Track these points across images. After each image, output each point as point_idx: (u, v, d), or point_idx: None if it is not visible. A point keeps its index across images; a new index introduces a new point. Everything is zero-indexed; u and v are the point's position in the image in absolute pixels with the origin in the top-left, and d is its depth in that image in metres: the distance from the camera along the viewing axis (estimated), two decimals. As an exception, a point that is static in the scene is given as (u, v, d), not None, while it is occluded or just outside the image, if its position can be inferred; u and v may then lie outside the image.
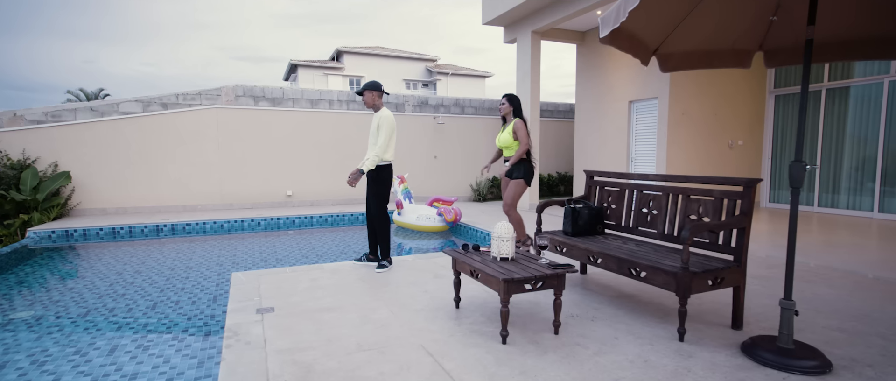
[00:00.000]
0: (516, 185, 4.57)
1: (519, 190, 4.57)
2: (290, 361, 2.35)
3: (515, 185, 4.57)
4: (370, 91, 4.37)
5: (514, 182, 4.58)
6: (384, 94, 4.52)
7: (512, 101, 4.64)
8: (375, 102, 4.40)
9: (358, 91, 4.53)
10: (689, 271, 2.54)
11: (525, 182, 4.57)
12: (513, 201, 4.56)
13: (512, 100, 4.65)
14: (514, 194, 4.55)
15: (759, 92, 8.79)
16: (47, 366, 2.87)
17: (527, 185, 4.59)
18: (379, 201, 4.36)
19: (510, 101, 4.64)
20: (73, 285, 4.75)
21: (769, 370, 2.24)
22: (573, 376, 2.20)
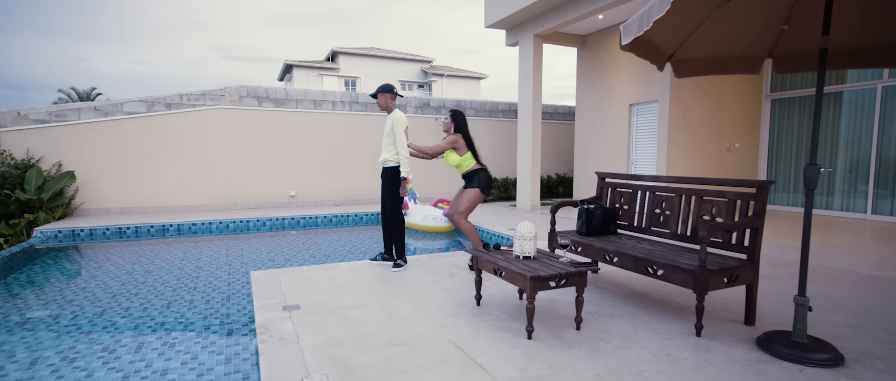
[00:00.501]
0: (471, 194, 4.22)
1: (473, 200, 4.22)
2: (326, 355, 2.42)
3: (470, 194, 4.22)
4: (383, 94, 4.48)
5: (468, 191, 4.24)
6: (398, 96, 4.61)
7: (454, 117, 4.33)
8: (389, 104, 4.49)
9: (372, 94, 4.62)
10: (706, 270, 2.65)
11: (481, 192, 4.23)
12: (466, 210, 4.22)
13: (455, 116, 4.33)
14: (468, 204, 4.21)
15: (756, 96, 8.99)
16: (78, 363, 2.92)
17: (483, 194, 4.25)
18: (394, 201, 4.44)
19: (453, 117, 4.32)
20: (85, 285, 4.76)
21: (785, 362, 2.35)
22: (599, 369, 2.30)
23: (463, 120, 4.35)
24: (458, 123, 4.32)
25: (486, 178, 4.28)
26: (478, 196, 4.24)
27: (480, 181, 4.24)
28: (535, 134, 9.17)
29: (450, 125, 4.34)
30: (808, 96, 8.37)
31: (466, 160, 4.27)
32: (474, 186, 4.24)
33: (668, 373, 2.25)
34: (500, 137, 11.59)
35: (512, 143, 11.61)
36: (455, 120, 4.33)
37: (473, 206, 4.25)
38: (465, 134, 4.29)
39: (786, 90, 8.73)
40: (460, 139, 4.24)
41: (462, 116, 4.37)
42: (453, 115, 4.35)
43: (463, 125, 4.32)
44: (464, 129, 4.31)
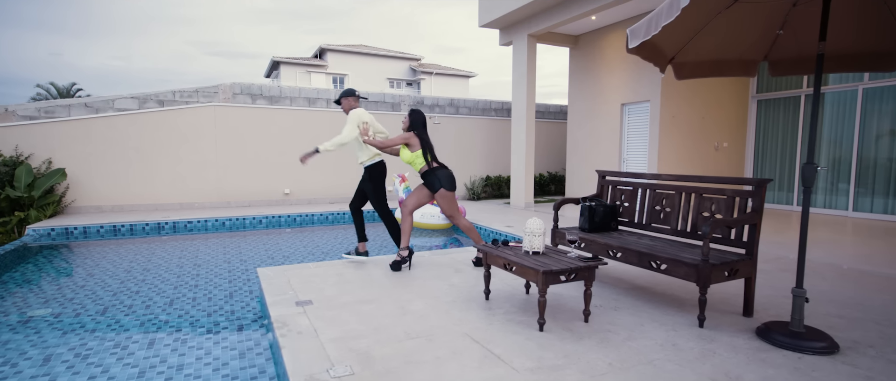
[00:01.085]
0: (442, 197, 4.22)
1: (449, 200, 4.23)
2: (346, 348, 2.48)
3: (441, 197, 4.22)
4: (346, 98, 4.66)
5: (438, 196, 4.23)
6: (361, 98, 4.78)
7: (411, 114, 4.37)
8: (352, 106, 4.63)
9: (336, 100, 4.79)
10: (708, 264, 2.77)
11: (446, 190, 4.21)
12: (455, 210, 4.25)
13: (411, 114, 4.37)
14: (448, 205, 4.23)
15: (743, 97, 9.25)
16: (91, 359, 2.92)
17: (449, 190, 4.23)
18: (376, 197, 4.61)
19: (410, 114, 4.37)
20: (84, 283, 4.72)
21: (785, 351, 2.48)
22: (611, 359, 2.40)
23: (418, 118, 4.38)
24: (412, 121, 4.37)
25: (445, 176, 4.24)
26: (449, 196, 4.24)
27: (441, 182, 4.21)
28: (528, 133, 9.30)
29: (406, 125, 4.40)
30: (792, 97, 8.65)
31: (418, 158, 4.30)
32: (437, 187, 4.21)
33: (677, 362, 2.37)
34: (492, 135, 11.70)
35: (504, 141, 11.73)
36: (411, 117, 4.38)
37: (454, 204, 4.28)
38: (418, 132, 4.32)
39: (771, 91, 9.00)
40: (413, 137, 4.29)
41: (418, 113, 4.41)
42: (411, 113, 4.41)
43: (417, 123, 4.36)
44: (418, 127, 4.35)
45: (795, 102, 8.58)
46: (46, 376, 2.71)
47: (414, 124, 4.35)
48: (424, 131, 4.36)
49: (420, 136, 4.31)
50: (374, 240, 7.11)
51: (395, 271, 4.15)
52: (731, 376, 2.22)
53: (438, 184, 4.21)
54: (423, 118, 4.41)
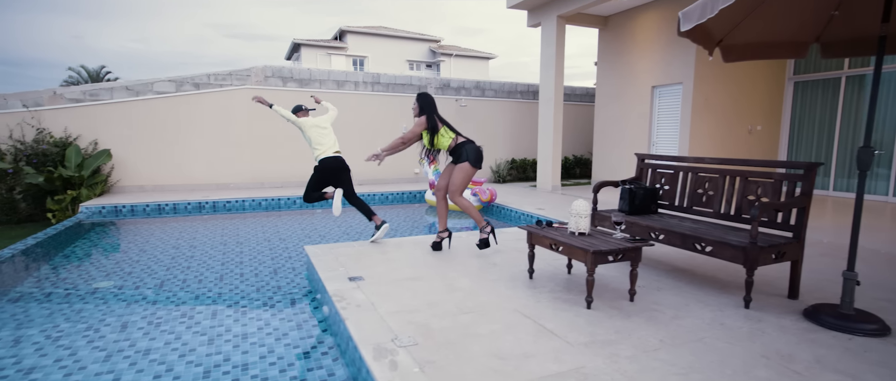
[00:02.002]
0: (461, 170, 4.11)
1: (465, 176, 4.12)
2: (406, 321, 2.62)
3: (460, 170, 4.11)
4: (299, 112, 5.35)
5: (458, 167, 4.13)
6: (310, 110, 5.48)
7: (419, 99, 4.29)
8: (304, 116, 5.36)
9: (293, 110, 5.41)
10: (756, 246, 2.81)
11: (471, 166, 4.12)
12: (458, 187, 4.12)
13: (419, 98, 4.30)
14: (461, 180, 4.11)
15: (779, 79, 9.00)
16: (163, 327, 3.14)
17: (473, 167, 4.13)
18: (310, 186, 5.21)
19: (418, 99, 4.30)
20: (138, 258, 4.98)
21: (834, 332, 2.53)
22: (662, 335, 2.49)
23: (428, 101, 4.29)
24: (422, 105, 4.27)
25: (473, 150, 4.15)
26: (468, 171, 4.12)
27: (468, 155, 4.11)
28: (556, 116, 9.26)
29: (418, 110, 4.31)
30: (831, 79, 8.39)
31: (442, 138, 4.21)
32: (462, 160, 4.11)
33: (726, 340, 2.44)
34: (518, 118, 11.66)
35: (530, 124, 11.68)
36: (420, 102, 4.29)
37: (466, 181, 4.15)
38: (429, 115, 4.22)
39: (809, 73, 8.74)
40: (425, 121, 4.19)
41: (427, 97, 4.31)
42: (419, 97, 4.32)
43: (427, 107, 4.26)
44: (428, 110, 4.25)
45: (835, 83, 8.32)
46: (126, 340, 2.93)
47: (424, 108, 4.26)
48: (436, 112, 4.27)
49: (432, 118, 4.21)
50: (408, 221, 7.27)
51: (436, 251, 4.27)
52: (783, 354, 2.28)
53: (465, 157, 4.12)
54: (432, 100, 4.33)
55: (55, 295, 3.87)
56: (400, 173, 10.41)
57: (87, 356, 2.73)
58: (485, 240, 4.18)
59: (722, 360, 2.22)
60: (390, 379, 1.96)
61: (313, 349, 2.88)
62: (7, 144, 7.11)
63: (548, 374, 2.05)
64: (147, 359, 2.72)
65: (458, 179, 4.13)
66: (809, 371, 2.12)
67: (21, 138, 7.23)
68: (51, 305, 3.62)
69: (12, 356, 2.69)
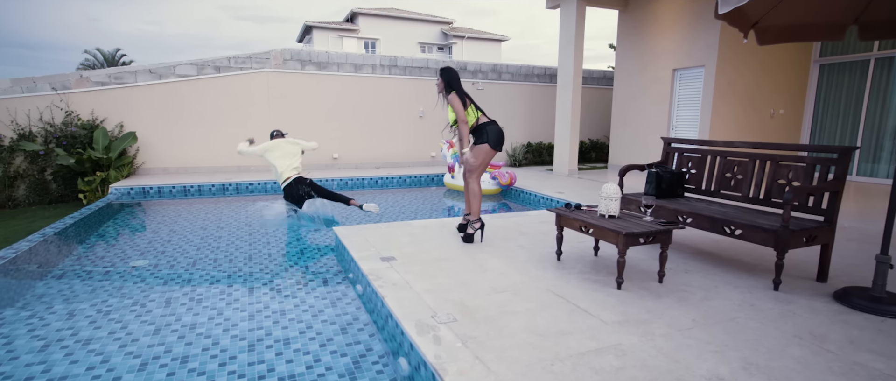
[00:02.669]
0: (479, 151, 3.99)
1: (483, 157, 4.00)
2: (442, 299, 2.70)
3: (478, 150, 3.99)
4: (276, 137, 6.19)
5: (476, 148, 4.01)
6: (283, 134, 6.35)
7: (444, 74, 4.08)
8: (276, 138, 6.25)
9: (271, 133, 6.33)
10: (788, 229, 2.83)
11: (490, 147, 4.00)
12: (474, 167, 4.00)
13: (444, 73, 4.08)
14: (481, 160, 4.00)
15: (804, 62, 8.82)
16: (205, 303, 3.27)
17: (493, 149, 4.01)
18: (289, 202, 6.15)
19: (442, 74, 4.08)
20: (169, 238, 5.13)
21: (866, 314, 2.56)
22: (694, 315, 2.54)
23: (453, 75, 4.09)
24: (447, 80, 4.07)
25: (494, 132, 4.01)
26: (487, 152, 3.99)
27: (488, 136, 3.98)
28: (575, 99, 9.19)
29: (442, 85, 4.10)
30: (859, 61, 8.20)
31: (468, 116, 4.03)
32: (483, 141, 4.00)
33: (759, 320, 2.48)
34: (534, 102, 11.60)
35: (546, 108, 11.61)
36: (445, 77, 4.07)
37: (485, 163, 4.03)
38: (458, 89, 4.03)
39: (836, 55, 8.54)
40: (455, 97, 4.00)
41: (452, 71, 4.11)
42: (443, 72, 4.09)
43: (454, 81, 4.07)
44: (456, 84, 4.06)
45: (863, 65, 8.13)
46: (172, 314, 3.07)
47: (451, 83, 4.07)
48: (461, 87, 4.09)
49: (462, 92, 4.05)
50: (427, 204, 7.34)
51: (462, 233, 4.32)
52: (816, 334, 2.33)
53: (485, 138, 4.01)
54: (457, 74, 4.13)
55: (95, 273, 4.02)
56: (416, 157, 10.46)
57: (137, 329, 2.87)
58: (469, 234, 4.01)
59: (756, 339, 2.27)
60: (436, 353, 2.04)
61: (349, 325, 2.98)
62: (37, 127, 7.29)
63: (586, 350, 2.13)
64: (194, 333, 2.84)
65: (474, 160, 4.03)
66: (843, 351, 2.16)
67: (50, 121, 7.40)
68: (93, 282, 3.77)
69: (69, 328, 2.84)
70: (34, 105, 7.31)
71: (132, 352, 2.60)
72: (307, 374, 2.43)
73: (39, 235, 4.60)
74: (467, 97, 4.06)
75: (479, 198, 4.04)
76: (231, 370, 2.47)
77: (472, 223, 4.02)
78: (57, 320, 2.96)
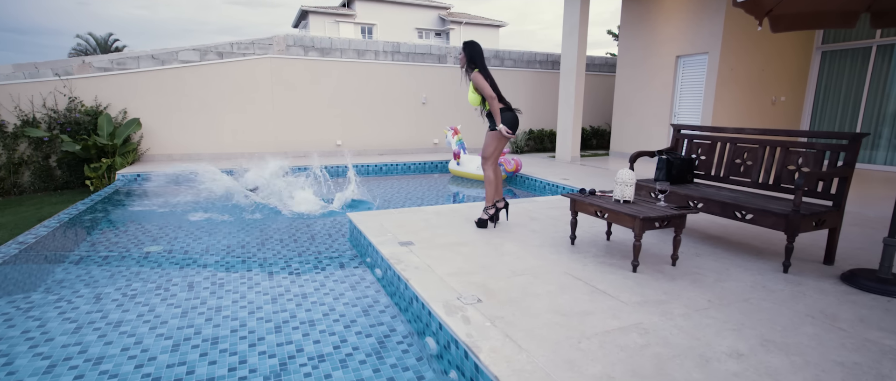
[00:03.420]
0: (492, 137, 3.97)
1: (497, 142, 3.97)
2: (465, 282, 2.78)
3: (491, 137, 3.98)
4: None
5: (490, 134, 3.99)
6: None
7: (467, 49, 3.93)
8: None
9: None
10: (799, 214, 2.91)
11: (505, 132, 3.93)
12: (492, 153, 3.99)
13: (467, 47, 3.93)
14: (493, 146, 3.97)
15: (806, 48, 8.86)
16: (227, 287, 3.33)
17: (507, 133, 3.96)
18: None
19: (466, 49, 3.93)
20: (180, 224, 5.16)
21: (873, 295, 2.66)
22: (709, 296, 2.63)
23: (476, 51, 3.93)
24: (470, 54, 3.92)
25: (510, 118, 3.92)
26: (501, 138, 3.95)
27: (503, 121, 3.90)
28: (578, 86, 9.21)
29: (464, 60, 3.96)
30: (861, 48, 8.25)
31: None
32: (495, 127, 3.94)
33: (771, 301, 2.58)
34: (536, 88, 11.60)
35: (547, 94, 11.62)
36: (469, 51, 3.91)
37: (498, 148, 3.99)
38: (481, 67, 3.90)
39: (839, 42, 8.59)
40: (479, 76, 3.86)
41: (476, 46, 3.94)
42: (467, 46, 3.93)
43: (478, 57, 3.92)
44: (480, 61, 3.92)
45: (865, 52, 8.19)
46: (196, 298, 3.13)
47: (474, 58, 3.93)
48: (485, 65, 3.95)
49: (486, 69, 3.92)
50: (432, 191, 7.39)
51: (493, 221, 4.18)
52: (827, 314, 2.42)
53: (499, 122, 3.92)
54: (481, 49, 4.00)
55: (111, 258, 4.07)
56: (419, 144, 10.48)
57: (164, 311, 2.93)
58: (483, 220, 4.01)
59: (770, 318, 2.36)
60: (468, 333, 2.12)
61: (370, 307, 3.06)
62: (41, 113, 7.25)
63: (610, 329, 2.21)
64: (220, 315, 2.91)
65: (489, 145, 4.00)
66: (854, 329, 2.26)
67: (54, 107, 7.35)
68: (110, 267, 3.82)
69: (98, 311, 2.90)
70: (37, 91, 7.26)
71: (163, 334, 2.67)
72: (335, 354, 2.51)
73: (55, 220, 4.63)
74: (491, 78, 3.93)
75: (494, 185, 4.03)
76: (261, 350, 2.54)
77: (486, 209, 4.07)
78: (85, 303, 3.01)
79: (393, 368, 2.39)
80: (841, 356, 2.01)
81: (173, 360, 2.41)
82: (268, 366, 2.39)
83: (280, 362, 2.43)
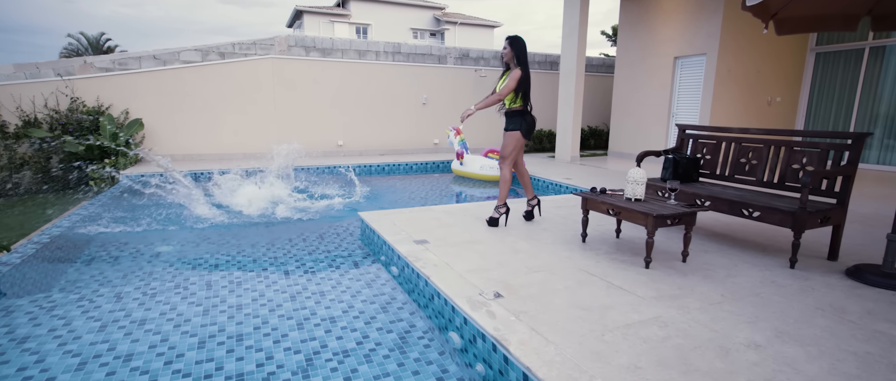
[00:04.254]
0: (510, 137, 4.01)
1: (515, 144, 4.01)
2: (484, 278, 2.84)
3: (509, 137, 4.01)
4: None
5: (509, 134, 4.02)
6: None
7: (514, 44, 3.93)
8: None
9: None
10: (805, 211, 3.01)
11: (522, 135, 4.00)
12: (510, 155, 4.02)
13: (514, 43, 3.93)
14: (512, 148, 4.01)
15: (801, 50, 9.04)
16: (246, 285, 3.37)
17: (524, 138, 4.03)
18: None
19: (512, 44, 3.93)
20: (189, 225, 5.18)
21: (878, 289, 2.76)
22: (722, 290, 2.71)
23: (523, 49, 3.94)
24: (517, 53, 3.91)
25: (529, 122, 3.99)
26: (519, 139, 3.99)
27: (523, 125, 3.97)
28: (578, 87, 9.31)
29: (511, 56, 3.94)
30: (854, 50, 8.44)
31: (515, 101, 3.96)
32: (516, 127, 3.98)
33: (781, 295, 2.67)
34: (535, 88, 11.61)
35: (547, 95, 11.72)
36: (515, 47, 3.92)
37: (516, 150, 4.02)
38: (525, 68, 3.89)
39: (832, 44, 8.77)
40: (519, 74, 3.84)
41: (522, 44, 3.94)
42: (512, 42, 3.93)
43: (523, 55, 3.92)
44: (523, 60, 3.90)
45: (858, 54, 8.37)
46: (216, 296, 3.16)
47: (521, 57, 3.91)
48: (528, 64, 3.95)
49: (528, 72, 3.91)
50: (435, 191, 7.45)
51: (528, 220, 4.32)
52: (835, 307, 2.51)
53: (518, 125, 4.00)
54: (526, 46, 3.98)
55: (122, 258, 4.08)
56: (419, 144, 10.54)
57: (186, 310, 2.96)
58: (494, 218, 4.07)
59: (782, 311, 2.45)
60: (495, 326, 2.18)
61: (388, 304, 3.11)
62: (42, 113, 7.21)
63: (631, 322, 2.28)
64: (241, 313, 2.95)
65: (508, 145, 4.05)
66: (863, 321, 2.35)
67: (55, 107, 7.31)
68: (122, 267, 3.83)
69: (121, 310, 2.92)
70: (38, 91, 7.22)
71: (188, 331, 2.70)
72: (359, 349, 2.56)
73: (66, 220, 4.63)
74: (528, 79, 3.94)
75: (509, 184, 4.10)
76: (286, 346, 2.59)
77: (498, 208, 4.14)
78: (106, 302, 3.04)
79: (416, 362, 2.44)
80: (853, 346, 2.10)
81: (201, 357, 2.45)
82: (294, 361, 2.44)
83: (306, 357, 2.48)
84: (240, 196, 6.13)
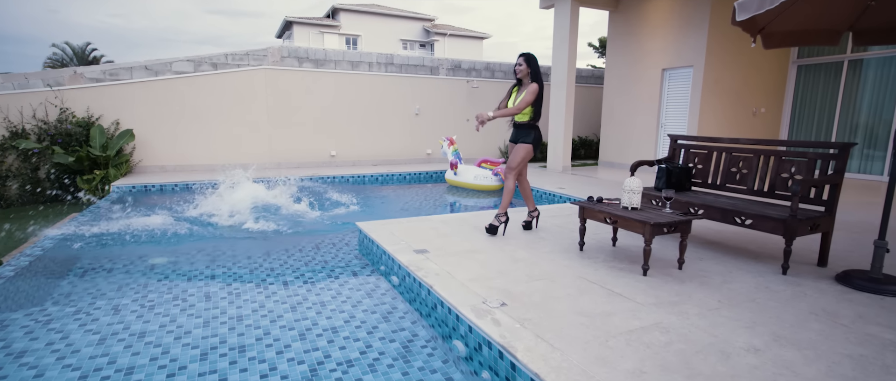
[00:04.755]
0: (522, 149, 4.16)
1: (525, 156, 4.16)
2: (487, 286, 2.87)
3: (521, 149, 4.16)
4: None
5: (520, 146, 4.17)
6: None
7: (530, 62, 4.09)
8: None
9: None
10: (796, 219, 3.10)
11: (533, 148, 4.18)
12: (517, 166, 4.16)
13: (530, 61, 4.10)
14: (520, 159, 4.15)
15: (783, 62, 9.31)
16: (245, 296, 3.35)
17: (534, 150, 4.20)
18: None
19: (528, 61, 4.09)
20: (182, 236, 5.13)
21: (868, 293, 2.85)
22: (719, 296, 2.78)
23: (537, 65, 4.12)
24: (534, 69, 4.08)
25: (538, 137, 4.20)
26: (529, 152, 4.16)
27: (534, 137, 4.16)
28: (568, 97, 9.47)
29: (527, 72, 4.09)
30: (834, 63, 8.72)
31: (530, 110, 4.13)
32: (528, 141, 4.14)
33: (776, 300, 2.74)
34: (526, 99, 11.83)
35: (538, 105, 11.87)
36: (531, 65, 4.09)
37: (524, 162, 4.17)
38: (540, 84, 4.06)
39: (813, 56, 9.06)
40: (536, 90, 4.01)
41: (537, 61, 4.14)
42: (528, 59, 4.10)
43: (538, 72, 4.09)
44: (538, 77, 4.07)
45: (837, 67, 8.66)
46: (216, 308, 3.14)
47: (536, 74, 4.08)
48: (542, 80, 4.11)
49: (541, 87, 4.08)
50: (429, 201, 7.48)
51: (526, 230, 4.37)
52: (828, 311, 2.59)
53: (530, 139, 4.17)
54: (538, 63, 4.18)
55: (116, 270, 4.03)
56: (412, 154, 10.58)
57: (186, 322, 2.93)
58: (494, 226, 4.14)
59: (778, 316, 2.52)
60: (501, 334, 2.21)
61: (390, 314, 3.12)
62: (31, 124, 7.11)
63: (633, 328, 2.33)
64: (242, 324, 2.93)
65: (517, 157, 4.18)
66: (855, 324, 2.42)
67: (44, 118, 7.22)
68: (117, 279, 3.78)
69: (119, 322, 2.89)
70: (27, 102, 7.12)
71: (188, 343, 2.68)
72: (362, 359, 2.56)
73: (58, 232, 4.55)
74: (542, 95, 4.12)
75: (512, 194, 4.19)
76: (289, 357, 2.58)
77: (498, 216, 4.18)
78: (104, 315, 3.00)
79: (421, 370, 2.45)
80: (847, 349, 2.17)
81: (204, 369, 2.43)
82: (299, 372, 2.43)
83: (310, 367, 2.47)
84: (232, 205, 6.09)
